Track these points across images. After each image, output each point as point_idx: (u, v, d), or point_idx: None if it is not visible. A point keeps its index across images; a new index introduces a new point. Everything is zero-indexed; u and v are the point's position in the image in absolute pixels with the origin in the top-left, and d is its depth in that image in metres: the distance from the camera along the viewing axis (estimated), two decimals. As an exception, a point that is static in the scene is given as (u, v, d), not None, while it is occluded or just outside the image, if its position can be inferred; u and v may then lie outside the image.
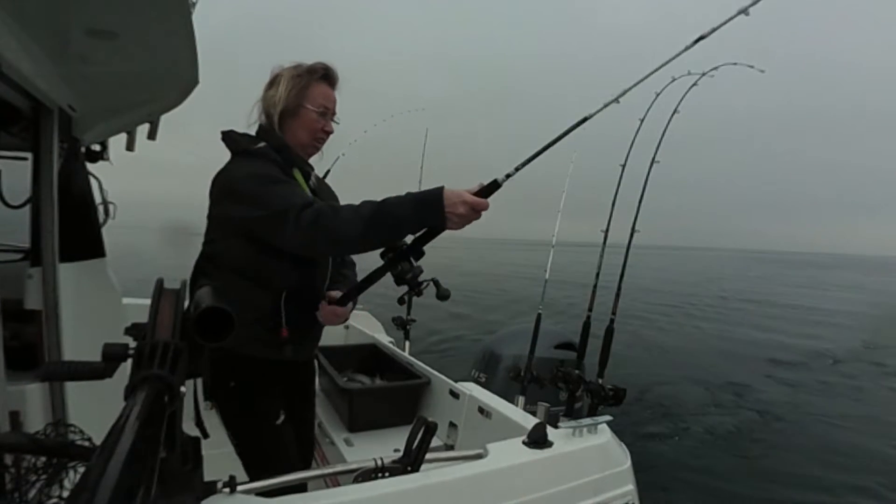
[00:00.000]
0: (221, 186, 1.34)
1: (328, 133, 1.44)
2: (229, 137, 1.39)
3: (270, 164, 1.32)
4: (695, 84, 2.65)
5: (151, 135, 2.29)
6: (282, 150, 1.37)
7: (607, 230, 2.76)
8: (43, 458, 0.73)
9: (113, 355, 0.63)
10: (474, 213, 1.15)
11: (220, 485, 0.85)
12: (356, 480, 1.01)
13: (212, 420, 2.80)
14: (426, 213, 1.16)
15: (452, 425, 1.87)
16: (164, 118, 2.11)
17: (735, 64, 2.71)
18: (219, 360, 1.32)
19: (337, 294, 1.45)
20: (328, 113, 1.42)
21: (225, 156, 1.39)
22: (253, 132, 1.43)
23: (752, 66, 2.70)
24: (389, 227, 1.18)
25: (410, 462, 1.01)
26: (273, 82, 1.40)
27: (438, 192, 1.15)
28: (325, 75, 1.41)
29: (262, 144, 1.35)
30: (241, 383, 1.37)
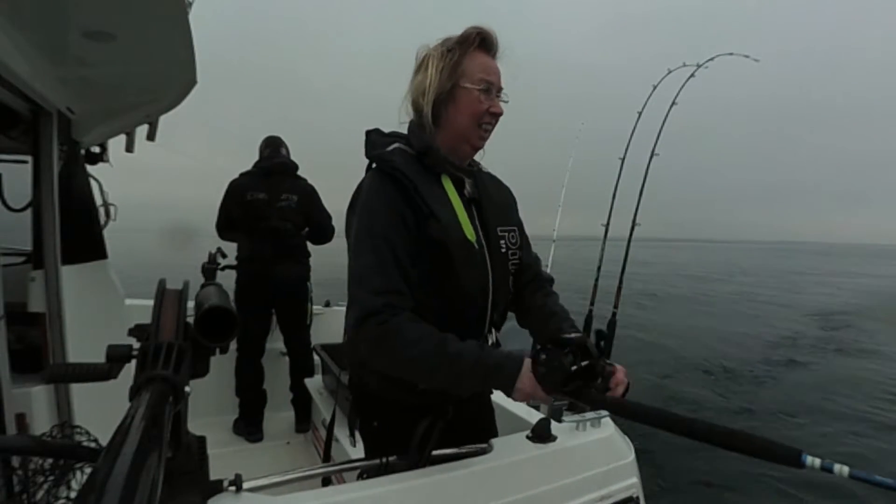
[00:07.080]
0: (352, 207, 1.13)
1: (496, 115, 1.12)
2: (369, 139, 1.15)
3: (393, 191, 1.04)
4: (692, 76, 2.66)
5: (150, 136, 2.30)
6: (425, 153, 1.11)
7: (608, 223, 2.77)
8: (50, 460, 0.74)
9: (117, 356, 0.63)
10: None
11: (226, 483, 0.85)
12: (361, 477, 1.02)
13: (216, 419, 2.82)
14: (491, 384, 1.00)
15: None
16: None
17: (731, 54, 2.71)
18: (360, 401, 1.20)
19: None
20: (493, 88, 1.10)
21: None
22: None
23: (747, 56, 2.70)
24: (450, 383, 0.99)
25: (415, 458, 1.02)
26: (420, 66, 1.12)
27: (511, 380, 0.92)
28: (482, 42, 1.10)
29: (394, 146, 1.12)
30: (382, 425, 1.17)
